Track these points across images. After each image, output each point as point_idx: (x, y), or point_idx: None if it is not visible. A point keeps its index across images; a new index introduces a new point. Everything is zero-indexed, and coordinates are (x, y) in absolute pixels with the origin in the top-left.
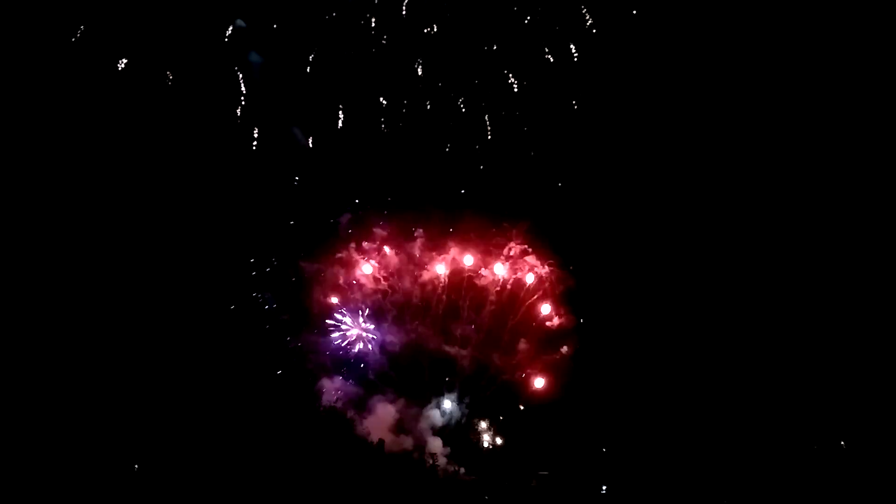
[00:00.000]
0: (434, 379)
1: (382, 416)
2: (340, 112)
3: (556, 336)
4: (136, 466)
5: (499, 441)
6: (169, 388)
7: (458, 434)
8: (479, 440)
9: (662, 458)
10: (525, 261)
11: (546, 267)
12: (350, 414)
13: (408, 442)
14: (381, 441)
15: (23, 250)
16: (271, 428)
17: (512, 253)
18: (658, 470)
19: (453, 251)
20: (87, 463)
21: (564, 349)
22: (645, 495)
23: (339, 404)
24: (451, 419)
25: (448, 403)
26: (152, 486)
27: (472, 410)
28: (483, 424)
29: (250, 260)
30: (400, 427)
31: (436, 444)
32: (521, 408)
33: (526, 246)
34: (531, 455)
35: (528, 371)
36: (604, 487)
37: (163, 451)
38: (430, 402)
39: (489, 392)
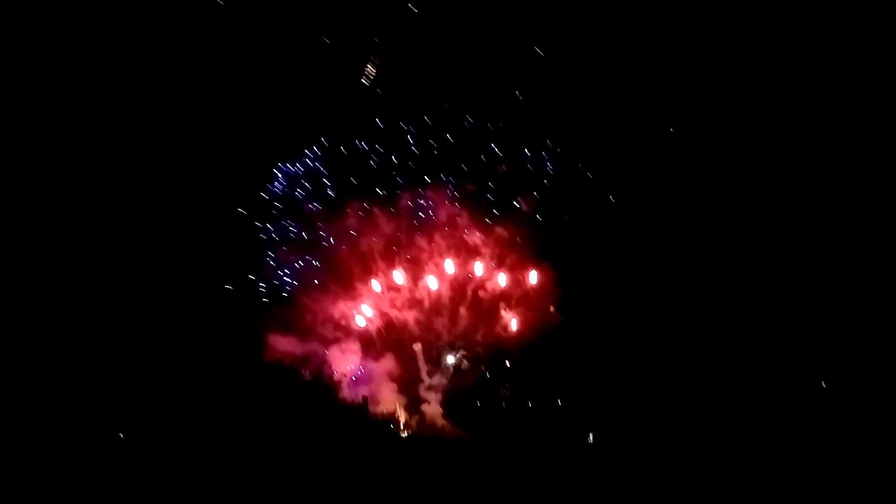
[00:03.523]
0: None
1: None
2: None
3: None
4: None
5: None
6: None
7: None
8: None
9: (653, 408)
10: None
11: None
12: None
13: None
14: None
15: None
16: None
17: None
18: (649, 420)
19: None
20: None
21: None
22: (634, 444)
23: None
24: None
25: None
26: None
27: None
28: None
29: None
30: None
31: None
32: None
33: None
34: (517, 409)
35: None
36: (591, 436)
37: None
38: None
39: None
